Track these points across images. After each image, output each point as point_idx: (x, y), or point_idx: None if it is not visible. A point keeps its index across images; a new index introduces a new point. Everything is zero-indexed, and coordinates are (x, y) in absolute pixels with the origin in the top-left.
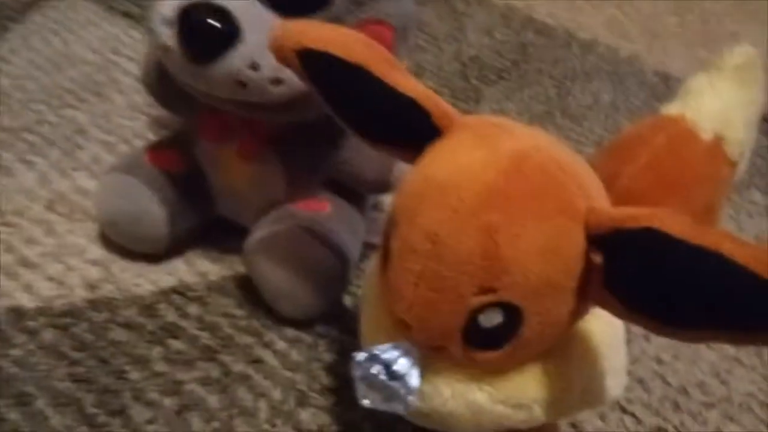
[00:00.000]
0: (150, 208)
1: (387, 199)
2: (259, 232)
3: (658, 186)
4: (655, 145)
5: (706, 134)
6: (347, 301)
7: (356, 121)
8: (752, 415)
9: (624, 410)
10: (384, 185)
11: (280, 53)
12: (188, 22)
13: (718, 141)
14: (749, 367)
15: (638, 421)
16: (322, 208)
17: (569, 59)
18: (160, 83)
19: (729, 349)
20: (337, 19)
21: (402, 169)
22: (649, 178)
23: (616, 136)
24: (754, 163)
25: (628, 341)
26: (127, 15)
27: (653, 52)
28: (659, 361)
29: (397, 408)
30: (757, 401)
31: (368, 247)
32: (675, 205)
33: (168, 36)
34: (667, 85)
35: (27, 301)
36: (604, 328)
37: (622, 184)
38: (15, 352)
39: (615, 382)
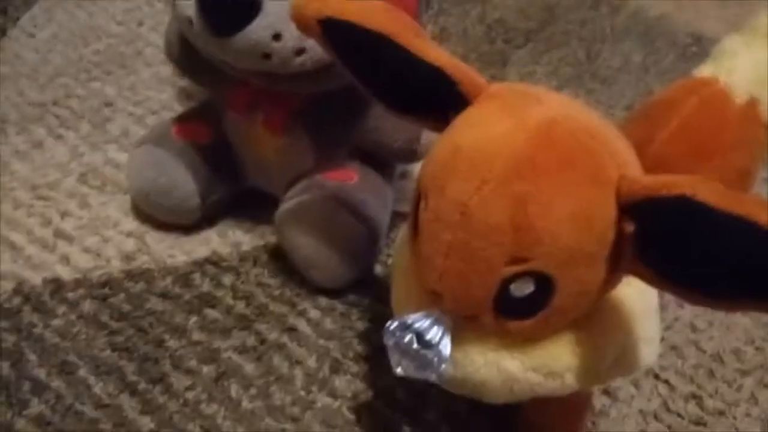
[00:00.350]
0: (181, 180)
1: (415, 168)
2: (289, 203)
3: (691, 151)
4: (687, 109)
5: (741, 97)
6: (378, 270)
7: (381, 90)
8: None
9: (657, 377)
10: (412, 154)
11: (302, 23)
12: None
13: (753, 103)
14: None
15: (672, 388)
16: (350, 178)
17: (597, 20)
18: (184, 55)
19: (764, 317)
20: None
21: (430, 137)
22: (682, 142)
23: (647, 99)
24: None
25: (662, 308)
26: None
27: (684, 12)
28: (693, 328)
29: (430, 376)
30: None
31: (397, 215)
32: (709, 171)
33: (189, 8)
34: (699, 46)
35: (65, 273)
36: (637, 296)
37: (654, 150)
38: (56, 323)
39: (648, 350)
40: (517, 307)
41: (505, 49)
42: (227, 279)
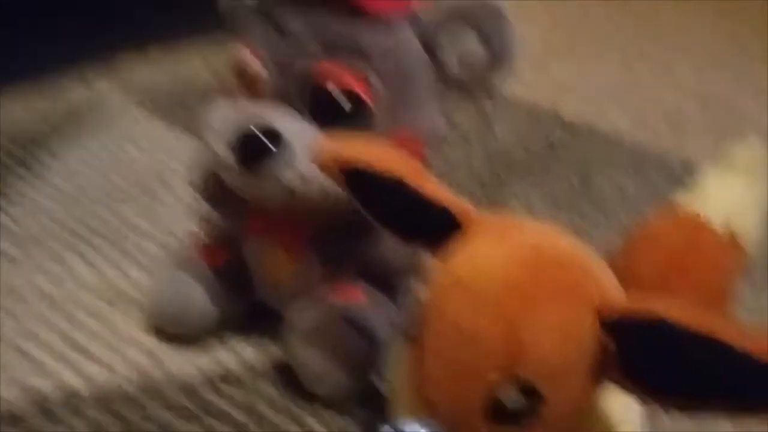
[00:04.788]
0: (201, 304)
1: (414, 282)
2: (303, 323)
3: (673, 275)
4: (668, 238)
5: (719, 227)
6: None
7: (389, 222)
8: None
9: None
10: (410, 270)
11: (324, 168)
12: (246, 147)
13: (730, 233)
14: None
15: None
16: (358, 297)
17: (594, 152)
18: (214, 190)
19: (744, 422)
20: (374, 132)
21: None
22: (664, 268)
23: (637, 227)
24: None
25: (651, 415)
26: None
27: (677, 144)
28: None
29: None
30: None
31: (397, 328)
32: (690, 292)
33: (227, 153)
34: (693, 176)
35: (76, 383)
36: (625, 406)
37: (637, 275)
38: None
39: None
40: (507, 418)
41: (507, 179)
42: (234, 392)
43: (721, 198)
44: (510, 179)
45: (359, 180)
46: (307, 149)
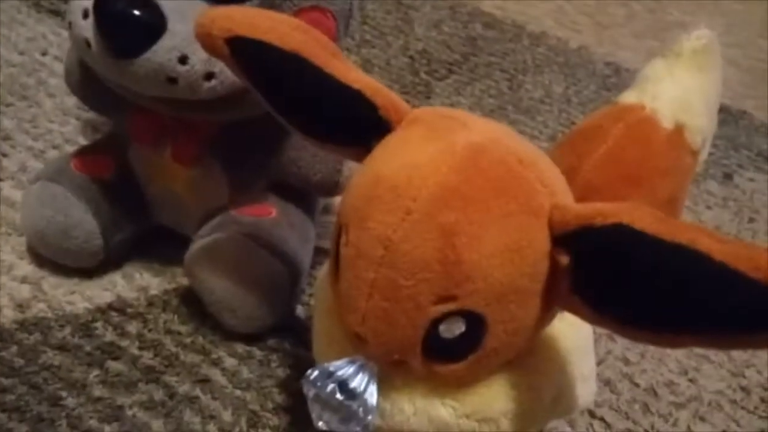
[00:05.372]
0: (81, 219)
1: (337, 201)
2: (201, 241)
3: (620, 178)
4: (614, 136)
5: (667, 122)
6: (300, 311)
7: (296, 117)
8: (723, 413)
9: (593, 415)
10: (333, 186)
11: (208, 42)
12: (107, 12)
13: (679, 129)
14: (717, 364)
15: (608, 425)
16: (268, 213)
17: (519, 52)
18: (85, 82)
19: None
20: (272, 7)
21: (352, 168)
22: (611, 170)
23: (572, 128)
24: (710, 153)
25: (594, 341)
26: (54, 13)
27: (603, 43)
28: (626, 362)
29: (356, 429)
30: (728, 399)
31: (320, 252)
32: (639, 198)
33: (87, 29)
34: (618, 76)
35: None
36: (572, 333)
37: (582, 178)
38: None
39: (585, 389)
40: (447, 350)
41: (429, 80)
42: (133, 327)
43: (669, 91)
44: (432, 81)
45: (255, 60)
46: (189, 23)
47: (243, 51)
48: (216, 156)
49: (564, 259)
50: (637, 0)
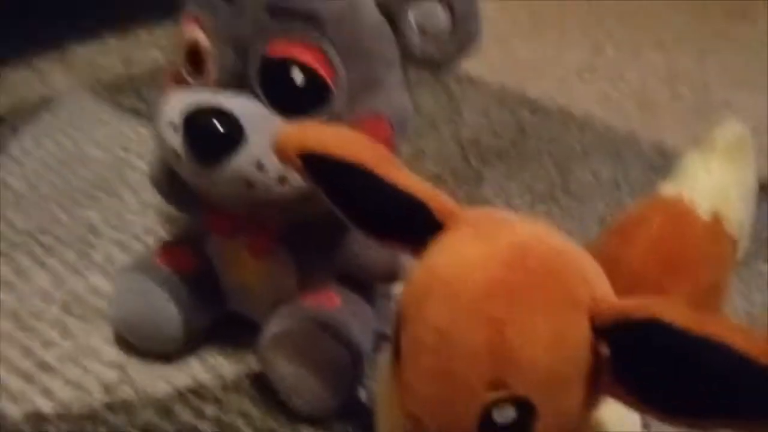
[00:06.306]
0: (164, 309)
1: (396, 288)
2: (273, 329)
3: (663, 268)
4: (655, 227)
5: (705, 213)
6: (362, 394)
7: (360, 218)
8: None
9: None
10: (393, 275)
11: (283, 156)
12: (193, 128)
13: (717, 219)
14: None
15: None
16: (333, 303)
17: (566, 137)
18: (169, 183)
19: None
20: (337, 117)
21: (410, 259)
22: (653, 260)
23: (617, 215)
24: (759, 235)
25: (646, 425)
26: (134, 112)
27: (648, 126)
28: None
29: None
30: None
31: (380, 337)
32: (681, 287)
33: (175, 139)
34: (665, 158)
35: (46, 406)
36: (620, 418)
37: (625, 268)
38: None
39: None
40: None
41: (479, 167)
42: (209, 409)
43: (705, 183)
44: (483, 168)
45: (324, 170)
46: (264, 134)
47: (314, 164)
48: (287, 250)
49: (605, 350)
50: (681, 81)
